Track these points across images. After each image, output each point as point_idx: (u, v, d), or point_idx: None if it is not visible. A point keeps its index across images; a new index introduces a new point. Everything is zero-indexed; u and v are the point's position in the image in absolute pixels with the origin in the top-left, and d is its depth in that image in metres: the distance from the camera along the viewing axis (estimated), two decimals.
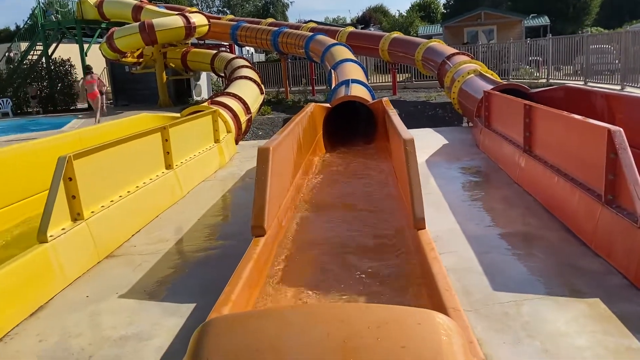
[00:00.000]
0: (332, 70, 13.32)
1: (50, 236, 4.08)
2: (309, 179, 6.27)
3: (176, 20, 19.18)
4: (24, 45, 25.96)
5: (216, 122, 8.83)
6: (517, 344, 2.91)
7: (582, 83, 16.77)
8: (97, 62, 22.21)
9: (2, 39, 40.52)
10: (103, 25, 23.75)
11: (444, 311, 2.34)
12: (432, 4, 50.94)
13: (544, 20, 35.39)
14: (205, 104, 10.09)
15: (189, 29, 19.31)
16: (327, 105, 8.87)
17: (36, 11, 24.70)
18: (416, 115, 16.02)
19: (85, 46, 23.57)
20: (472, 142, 9.11)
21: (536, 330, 3.02)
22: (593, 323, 3.07)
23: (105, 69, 24.35)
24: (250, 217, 3.74)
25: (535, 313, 3.21)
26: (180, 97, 21.70)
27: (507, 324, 3.10)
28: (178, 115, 9.40)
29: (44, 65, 24.17)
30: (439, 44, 15.90)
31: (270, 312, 2.17)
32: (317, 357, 1.68)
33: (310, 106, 7.64)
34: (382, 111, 7.70)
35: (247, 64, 17.33)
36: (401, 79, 23.70)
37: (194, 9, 22.20)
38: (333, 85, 11.61)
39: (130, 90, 22.73)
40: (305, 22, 24.42)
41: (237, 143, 10.23)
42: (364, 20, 46.10)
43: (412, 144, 4.14)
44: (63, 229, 4.27)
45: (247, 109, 11.31)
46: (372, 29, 36.75)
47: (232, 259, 3.56)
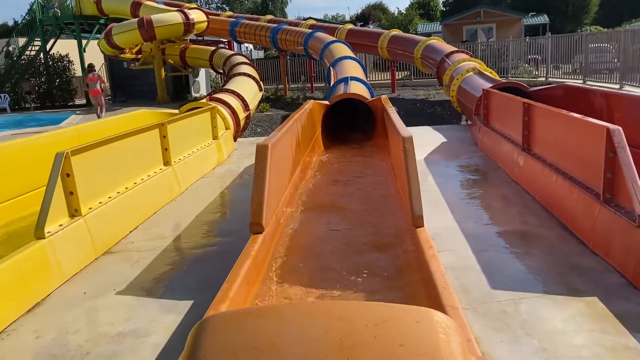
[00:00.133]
0: (331, 68, 13.31)
1: (48, 232, 4.07)
2: (308, 176, 6.26)
3: (175, 17, 19.14)
4: (22, 41, 25.89)
5: (214, 118, 8.81)
6: (515, 342, 2.91)
7: (580, 82, 16.77)
8: (95, 58, 22.15)
9: (0, 34, 40.41)
10: (101, 21, 23.69)
11: (442, 309, 2.34)
12: (431, 1, 50.82)
13: (543, 19, 35.44)
14: (204, 101, 10.08)
15: (188, 25, 19.27)
16: (326, 102, 8.87)
17: (34, 6, 24.63)
18: (415, 113, 16.02)
19: (84, 42, 23.51)
20: (470, 140, 9.11)
21: (534, 328, 3.02)
22: (591, 322, 3.07)
23: (104, 65, 24.29)
24: (249, 214, 3.73)
25: (533, 311, 3.21)
26: (178, 94, 21.66)
27: (505, 323, 3.10)
28: (176, 111, 9.39)
29: (42, 61, 24.11)
30: (438, 42, 15.89)
31: (268, 310, 2.16)
32: (315, 354, 1.68)
33: (309, 103, 7.63)
34: (381, 109, 7.69)
35: (245, 60, 17.31)
36: (400, 76, 23.70)
37: (193, 5, 22.14)
38: (332, 83, 11.60)
39: (129, 86, 22.70)
40: (305, 19, 24.37)
41: (235, 140, 10.21)
42: (363, 18, 46.10)
43: (411, 142, 4.14)
44: (60, 225, 4.26)
45: (245, 106, 11.29)
46: (371, 26, 36.73)
47: (230, 256, 3.55)
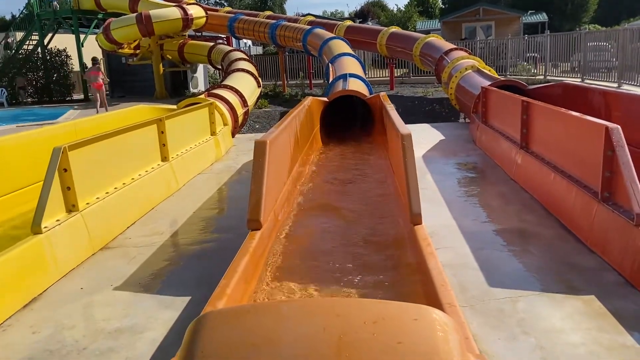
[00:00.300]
0: (330, 64, 13.28)
1: (45, 227, 4.05)
2: (306, 172, 6.25)
3: (173, 12, 19.08)
4: (19, 35, 25.75)
5: (213, 114, 8.79)
6: (513, 340, 2.91)
7: (579, 80, 16.77)
8: (93, 53, 22.02)
9: None
10: (100, 16, 23.60)
11: (439, 307, 2.33)
12: None
13: (542, 17, 35.46)
14: (202, 97, 10.05)
15: (187, 20, 19.22)
16: (325, 99, 8.85)
17: (32, 0, 24.49)
18: (413, 111, 16.02)
19: (82, 37, 23.42)
20: (468, 138, 9.11)
21: (531, 326, 3.03)
22: (588, 320, 3.08)
23: (102, 60, 24.20)
24: (246, 210, 3.72)
25: (531, 309, 3.21)
26: (176, 89, 21.62)
27: (502, 320, 3.11)
28: (174, 107, 9.36)
29: (40, 56, 24.01)
30: (437, 39, 15.86)
31: (266, 306, 2.15)
32: (312, 351, 1.67)
33: (308, 100, 7.61)
34: (380, 106, 7.68)
35: (244, 56, 17.28)
36: (399, 74, 23.69)
37: (192, 1, 22.04)
38: (331, 79, 11.58)
39: (127, 81, 22.63)
40: (303, 15, 24.33)
41: (233, 136, 10.20)
42: (362, 14, 46.08)
43: (410, 139, 4.13)
44: (58, 221, 4.24)
45: (244, 102, 11.27)
46: (370, 23, 36.69)
47: (228, 252, 3.55)
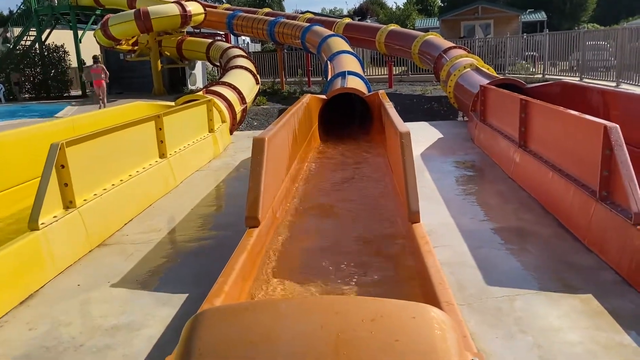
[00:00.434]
0: (329, 62, 13.27)
1: (42, 224, 4.04)
2: (304, 170, 6.24)
3: (172, 8, 19.02)
4: (17, 31, 25.64)
5: (211, 111, 8.77)
6: (510, 338, 2.91)
7: (577, 79, 16.77)
8: (91, 49, 21.97)
9: None
10: (98, 12, 23.49)
11: (437, 305, 2.33)
12: None
13: (541, 16, 35.44)
14: (200, 93, 10.03)
15: (185, 17, 19.16)
16: (323, 96, 8.84)
17: None
18: (412, 109, 16.01)
19: (80, 33, 23.33)
20: (467, 137, 9.11)
21: (529, 325, 3.03)
22: (585, 318, 3.08)
23: (100, 57, 24.11)
24: (244, 207, 3.72)
25: (528, 308, 3.21)
26: (175, 86, 21.56)
27: (500, 319, 3.11)
28: (172, 104, 9.34)
29: (37, 51, 23.91)
30: (435, 38, 15.85)
31: (263, 304, 2.15)
32: (310, 349, 1.67)
33: (306, 97, 7.60)
34: (378, 104, 7.68)
35: (242, 53, 17.24)
36: (397, 72, 23.66)
37: None
38: (329, 77, 11.57)
39: (125, 78, 22.56)
40: (302, 12, 24.28)
41: (231, 133, 10.18)
42: (361, 12, 46.04)
43: (409, 137, 4.13)
44: (55, 217, 4.23)
45: (242, 99, 11.24)
46: (369, 21, 36.67)
47: (226, 249, 3.54)
